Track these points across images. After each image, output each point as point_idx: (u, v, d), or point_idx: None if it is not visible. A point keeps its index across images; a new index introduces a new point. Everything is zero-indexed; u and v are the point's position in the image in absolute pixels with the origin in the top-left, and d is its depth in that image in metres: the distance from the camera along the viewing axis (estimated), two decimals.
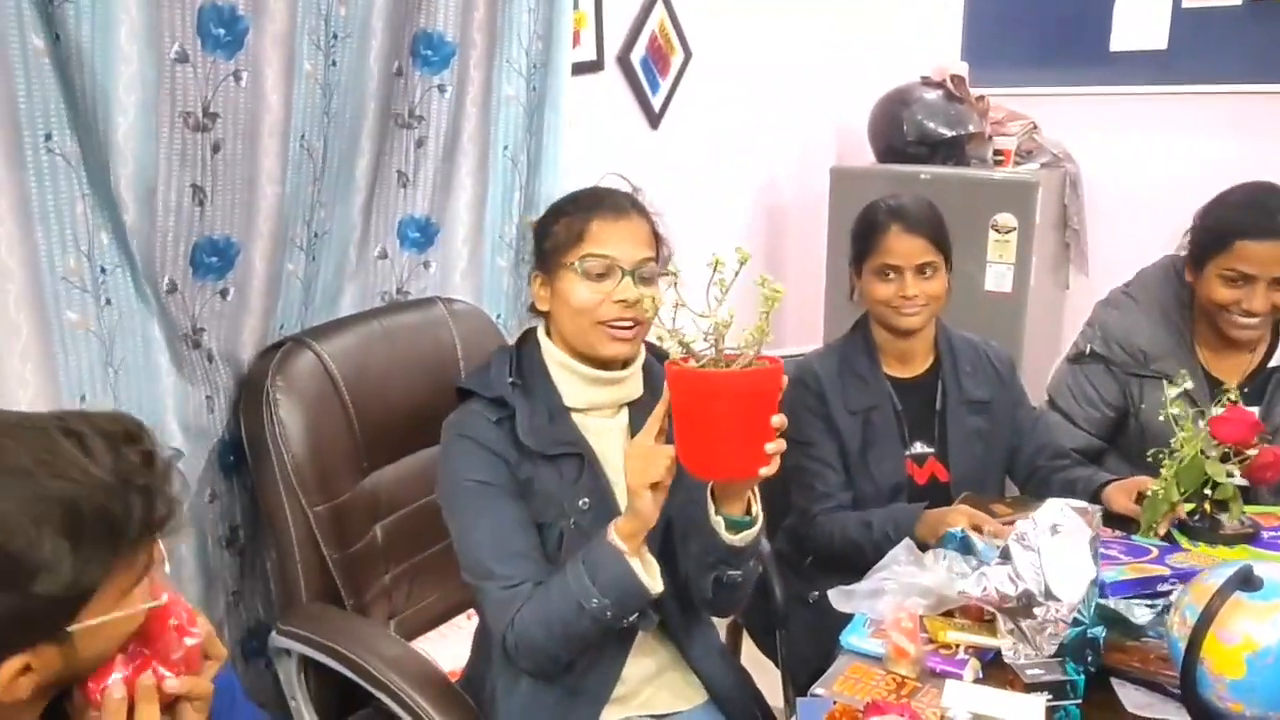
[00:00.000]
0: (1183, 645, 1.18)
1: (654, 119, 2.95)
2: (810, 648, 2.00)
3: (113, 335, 1.53)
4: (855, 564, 1.92)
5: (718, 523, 1.40)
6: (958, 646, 1.46)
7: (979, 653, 1.44)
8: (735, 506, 1.41)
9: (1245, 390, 1.98)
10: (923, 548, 1.77)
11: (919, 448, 2.03)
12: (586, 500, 1.51)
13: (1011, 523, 1.81)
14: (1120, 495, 1.81)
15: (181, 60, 1.53)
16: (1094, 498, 1.85)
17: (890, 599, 1.49)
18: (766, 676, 2.04)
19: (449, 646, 1.95)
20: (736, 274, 1.23)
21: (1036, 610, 1.33)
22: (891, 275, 1.93)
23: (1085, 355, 2.12)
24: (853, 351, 2.04)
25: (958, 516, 1.78)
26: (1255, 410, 1.97)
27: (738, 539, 1.41)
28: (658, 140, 2.97)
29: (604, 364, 1.53)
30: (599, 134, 2.67)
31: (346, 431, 1.81)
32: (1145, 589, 1.50)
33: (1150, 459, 1.73)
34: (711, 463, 1.29)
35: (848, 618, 1.54)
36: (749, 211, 3.51)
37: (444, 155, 2.12)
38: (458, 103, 2.10)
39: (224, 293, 1.72)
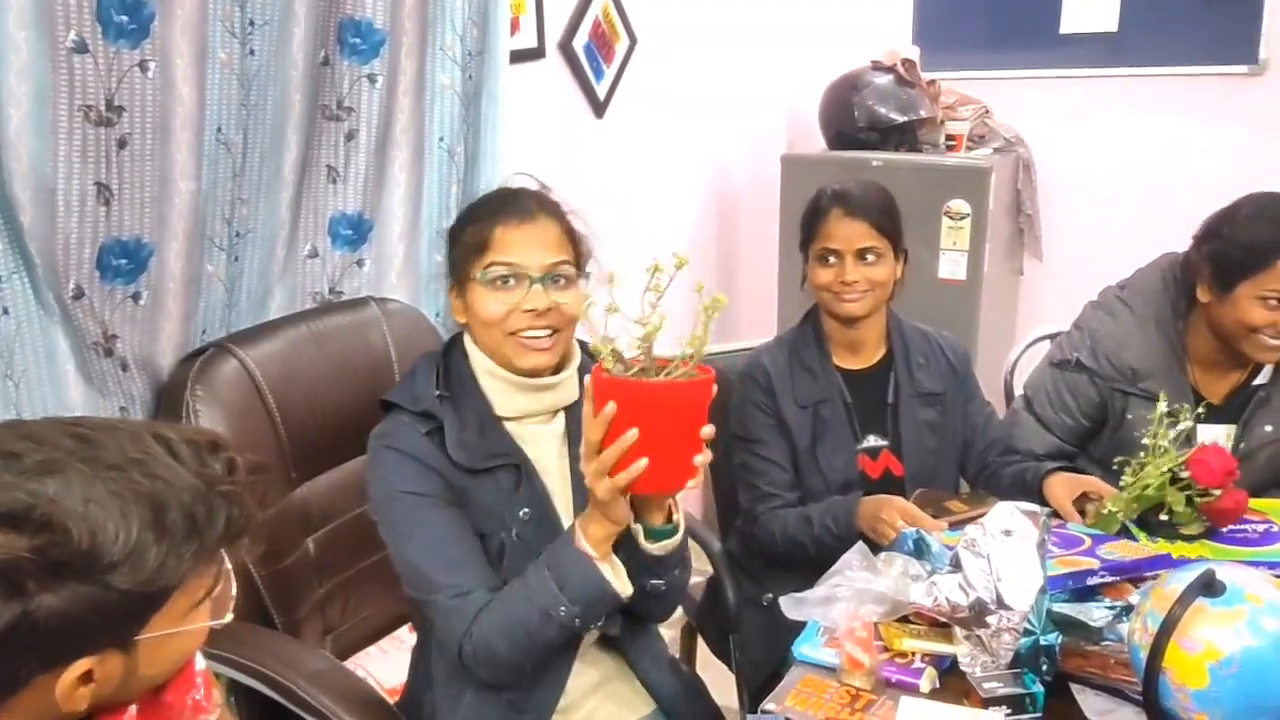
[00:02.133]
0: (1144, 654, 1.13)
1: (599, 108, 2.86)
2: (764, 651, 1.96)
3: (11, 346, 1.43)
4: (799, 562, 1.89)
5: (636, 531, 1.35)
6: (914, 654, 1.41)
7: (935, 660, 1.39)
8: (656, 515, 1.36)
9: (1225, 405, 1.92)
10: (864, 540, 1.73)
11: (872, 440, 1.98)
12: (527, 510, 1.45)
13: (963, 521, 1.78)
14: (1061, 491, 1.76)
15: (80, 50, 1.42)
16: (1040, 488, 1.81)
17: (843, 606, 1.42)
18: (723, 679, 1.98)
19: (389, 662, 1.87)
20: (671, 279, 1.17)
21: (990, 619, 1.27)
22: (832, 260, 1.89)
23: (1069, 363, 2.02)
24: (802, 343, 2.00)
25: (891, 510, 1.74)
26: (1230, 428, 1.93)
27: (657, 548, 1.36)
28: (603, 130, 2.88)
29: (529, 374, 1.47)
30: (541, 124, 2.58)
31: (273, 442, 1.72)
32: (1075, 583, 1.45)
33: (1115, 466, 1.68)
34: (641, 476, 1.22)
35: (802, 622, 1.49)
36: (699, 201, 3.44)
37: (376, 148, 2.02)
38: (389, 93, 2.01)
39: (136, 297, 1.62)
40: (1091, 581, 1.44)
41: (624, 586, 1.34)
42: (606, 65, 2.86)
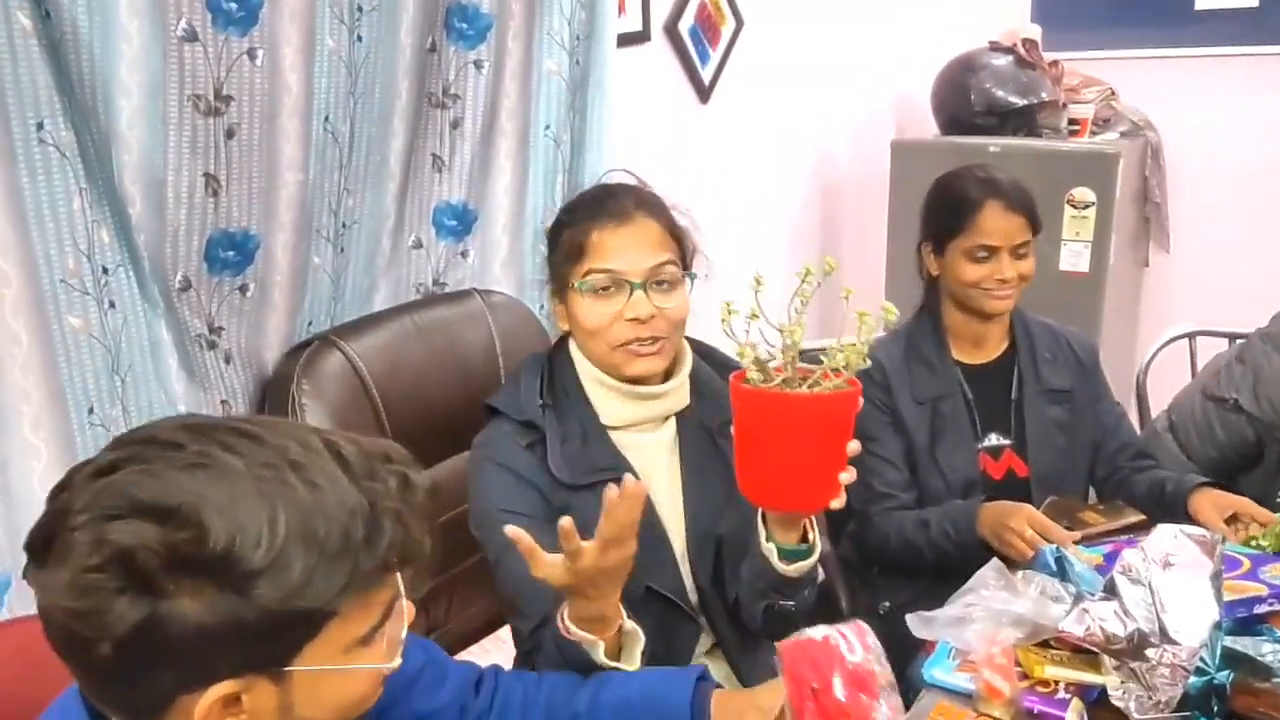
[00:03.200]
0: None
1: (704, 93, 2.77)
2: None
3: (118, 340, 1.40)
4: (914, 567, 1.80)
5: (769, 550, 1.26)
6: (1057, 684, 1.30)
7: (1081, 691, 1.28)
8: (790, 535, 1.27)
9: None
10: (985, 548, 1.63)
11: (994, 439, 1.88)
12: None
13: (1100, 535, 1.65)
14: (1211, 510, 1.63)
15: (190, 39, 1.39)
16: (1185, 503, 1.68)
17: (979, 628, 1.32)
18: None
19: (490, 661, 1.83)
20: (818, 285, 1.08)
21: (1149, 652, 1.16)
22: (986, 256, 1.77)
23: (1226, 403, 1.87)
24: (919, 336, 1.90)
25: (1020, 518, 1.63)
26: None
27: (791, 570, 1.27)
28: (707, 115, 2.80)
29: (638, 381, 1.40)
30: (646, 110, 2.51)
31: (378, 437, 1.68)
32: (1244, 611, 1.32)
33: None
34: (777, 492, 1.16)
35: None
36: (804, 189, 3.33)
37: (481, 136, 1.97)
38: (495, 79, 1.95)
39: (244, 289, 1.59)
40: (1260, 609, 1.31)
41: (627, 663, 1.22)
42: (712, 49, 2.76)
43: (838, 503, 1.16)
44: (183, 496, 0.73)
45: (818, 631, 0.99)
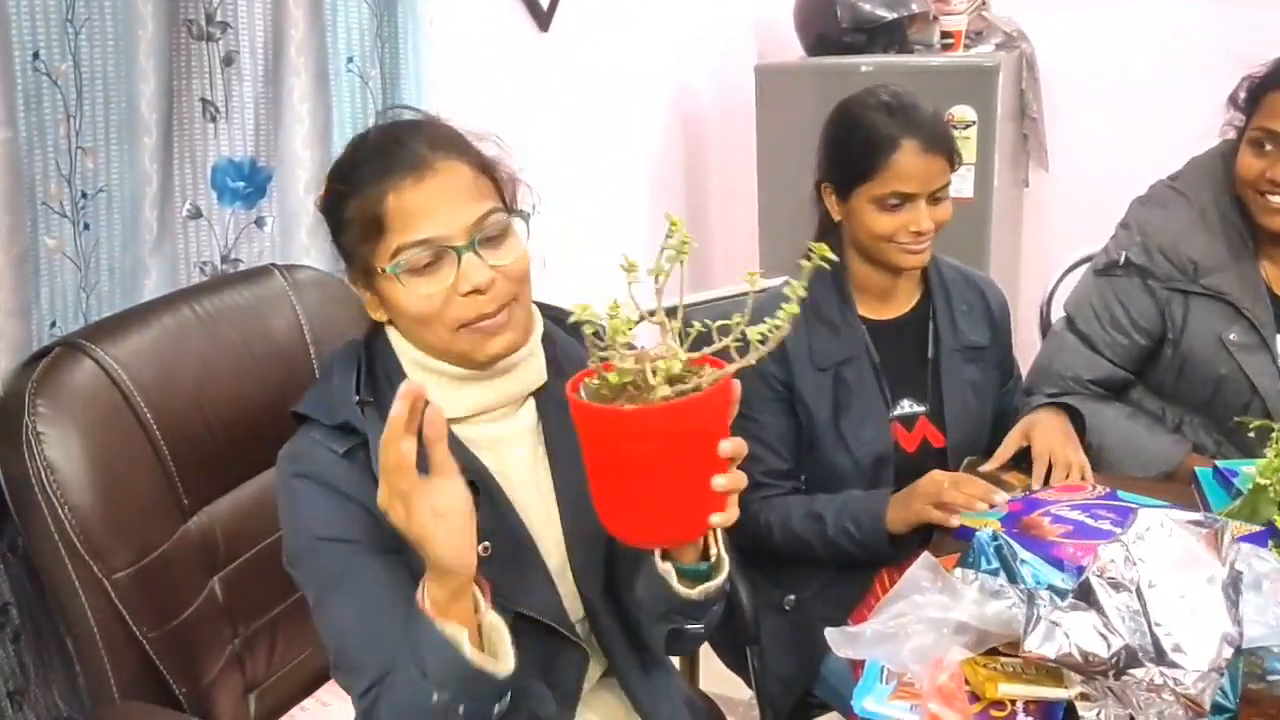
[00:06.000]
0: None
1: (543, 19, 2.44)
2: (792, 666, 1.63)
3: None
4: (803, 561, 1.59)
5: (667, 572, 1.03)
6: (1013, 703, 1.07)
7: (1044, 710, 1.05)
8: (689, 552, 1.05)
9: None
10: (896, 541, 1.46)
11: (906, 406, 1.64)
12: (487, 544, 1.09)
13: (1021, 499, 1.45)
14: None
15: None
16: None
17: (916, 645, 1.08)
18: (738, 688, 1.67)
19: (330, 716, 1.52)
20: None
21: (1136, 672, 0.92)
22: (900, 204, 1.50)
23: (1118, 265, 1.72)
24: (820, 290, 1.63)
25: (930, 481, 1.46)
26: None
27: (695, 593, 1.05)
28: (549, 45, 2.47)
29: (495, 360, 1.11)
30: (473, 42, 2.16)
31: (152, 463, 1.33)
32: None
33: (1240, 423, 1.36)
34: (637, 525, 0.91)
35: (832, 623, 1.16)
36: (662, 125, 3.03)
37: (266, 76, 1.62)
38: (277, 4, 1.59)
39: None
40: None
41: (498, 661, 0.99)
42: None
43: (722, 518, 0.92)
44: None
45: None
